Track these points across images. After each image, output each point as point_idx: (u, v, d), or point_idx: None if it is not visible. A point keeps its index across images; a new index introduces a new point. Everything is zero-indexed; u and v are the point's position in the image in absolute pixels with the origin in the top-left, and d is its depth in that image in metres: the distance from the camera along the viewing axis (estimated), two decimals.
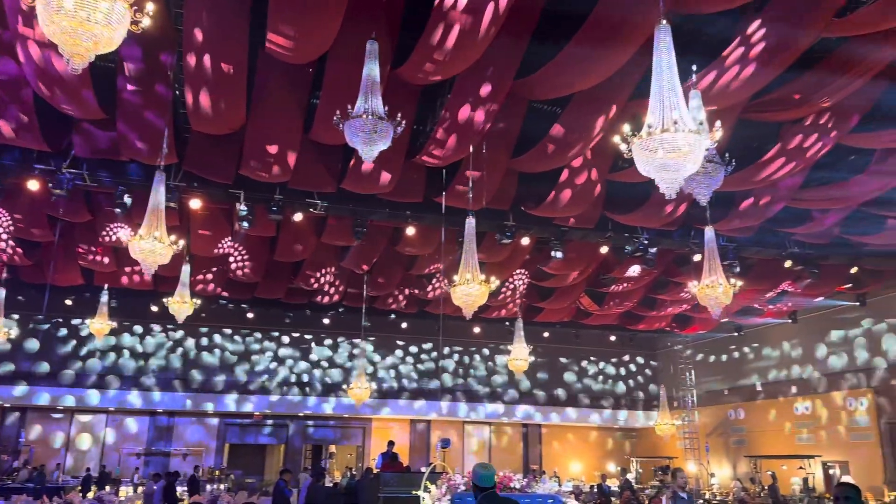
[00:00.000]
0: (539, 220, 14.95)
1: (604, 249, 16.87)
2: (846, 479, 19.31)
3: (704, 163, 8.87)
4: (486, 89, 9.70)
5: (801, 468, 20.28)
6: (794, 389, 23.16)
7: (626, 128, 6.52)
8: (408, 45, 9.11)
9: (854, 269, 17.94)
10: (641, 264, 17.00)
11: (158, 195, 10.61)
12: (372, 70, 7.84)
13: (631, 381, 30.28)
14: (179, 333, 25.44)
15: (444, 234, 14.18)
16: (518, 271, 19.31)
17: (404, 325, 25.29)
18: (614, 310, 22.57)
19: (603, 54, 8.57)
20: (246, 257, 17.19)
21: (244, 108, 10.57)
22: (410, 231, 14.95)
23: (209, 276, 18.76)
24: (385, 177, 12.31)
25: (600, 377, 29.98)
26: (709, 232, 12.63)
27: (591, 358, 29.93)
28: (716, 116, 10.05)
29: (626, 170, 12.58)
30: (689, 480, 21.77)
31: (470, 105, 10.00)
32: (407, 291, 21.03)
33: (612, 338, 28.04)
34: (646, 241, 15.52)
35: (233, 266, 17.53)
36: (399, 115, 7.95)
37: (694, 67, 9.09)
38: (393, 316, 24.74)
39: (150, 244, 10.68)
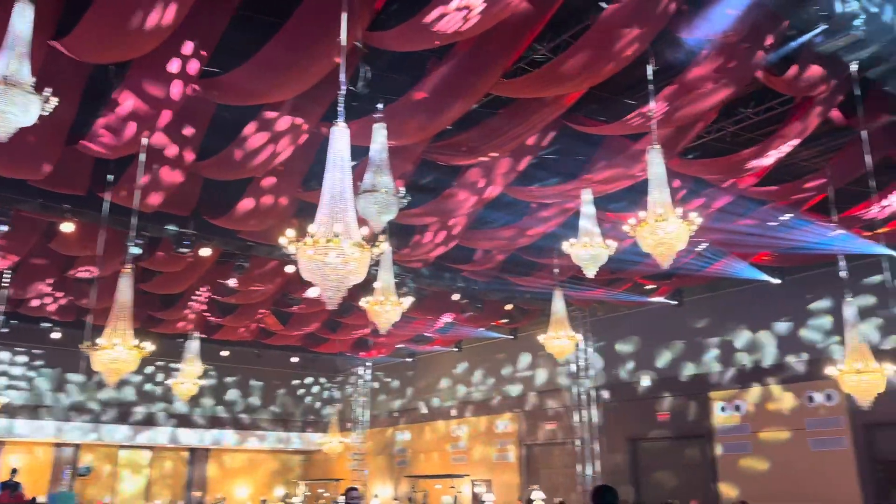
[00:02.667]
0: (223, 232, 14.22)
1: (289, 268, 16.66)
2: (536, 492, 21.34)
3: (382, 192, 9.20)
4: (164, 81, 8.92)
5: (452, 487, 22.00)
6: (453, 412, 25.19)
7: (290, 232, 6.46)
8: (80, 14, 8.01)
9: (509, 307, 20.22)
10: None
11: None
12: (19, 32, 6.66)
13: (310, 403, 30.30)
14: None
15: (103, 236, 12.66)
16: (198, 285, 18.17)
17: (56, 334, 22.08)
18: (298, 331, 22.44)
19: (294, 69, 8.43)
20: None
21: None
22: (68, 227, 13.13)
23: None
24: (39, 162, 10.63)
25: (279, 399, 29.52)
26: (386, 246, 13.02)
27: (273, 379, 29.36)
28: (400, 151, 10.62)
29: (316, 190, 12.59)
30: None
31: (146, 95, 9.11)
32: (62, 296, 18.46)
33: (295, 359, 27.80)
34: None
35: None
36: (50, 89, 6.85)
37: (380, 106, 9.45)
38: (44, 323, 21.51)
39: None
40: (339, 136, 6.45)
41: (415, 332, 21.82)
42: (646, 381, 19.88)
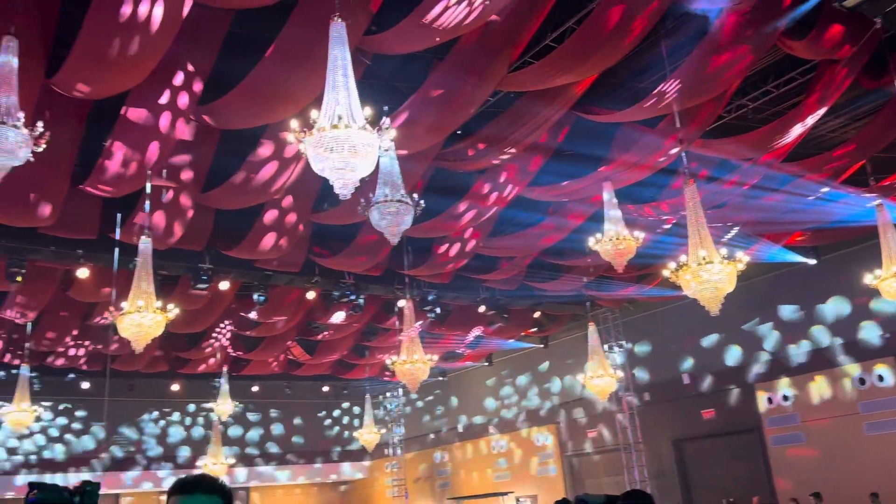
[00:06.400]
0: (239, 263, 13.96)
1: (311, 295, 16.37)
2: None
3: (395, 203, 8.84)
4: (163, 112, 8.68)
5: None
6: (491, 429, 24.58)
7: (294, 123, 6.30)
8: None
9: (537, 314, 19.68)
10: (348, 310, 16.77)
11: None
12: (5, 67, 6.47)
13: (345, 432, 29.84)
14: None
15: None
16: (221, 320, 17.92)
17: (86, 384, 21.91)
18: (326, 358, 22.08)
19: (291, 85, 8.15)
20: None
21: None
22: (83, 273, 12.94)
23: None
24: (45, 207, 10.44)
25: (314, 430, 29.12)
26: (407, 304, 12.58)
27: (306, 411, 28.98)
28: (410, 159, 10.28)
29: (329, 211, 12.32)
30: None
31: (144, 129, 8.87)
32: (87, 345, 18.31)
33: (325, 388, 27.43)
34: (351, 286, 15.35)
35: None
36: (41, 124, 6.62)
37: (386, 108, 9.13)
38: (72, 375, 21.38)
39: None
40: (338, 32, 6.58)
41: (444, 350, 21.36)
42: (685, 378, 19.19)
